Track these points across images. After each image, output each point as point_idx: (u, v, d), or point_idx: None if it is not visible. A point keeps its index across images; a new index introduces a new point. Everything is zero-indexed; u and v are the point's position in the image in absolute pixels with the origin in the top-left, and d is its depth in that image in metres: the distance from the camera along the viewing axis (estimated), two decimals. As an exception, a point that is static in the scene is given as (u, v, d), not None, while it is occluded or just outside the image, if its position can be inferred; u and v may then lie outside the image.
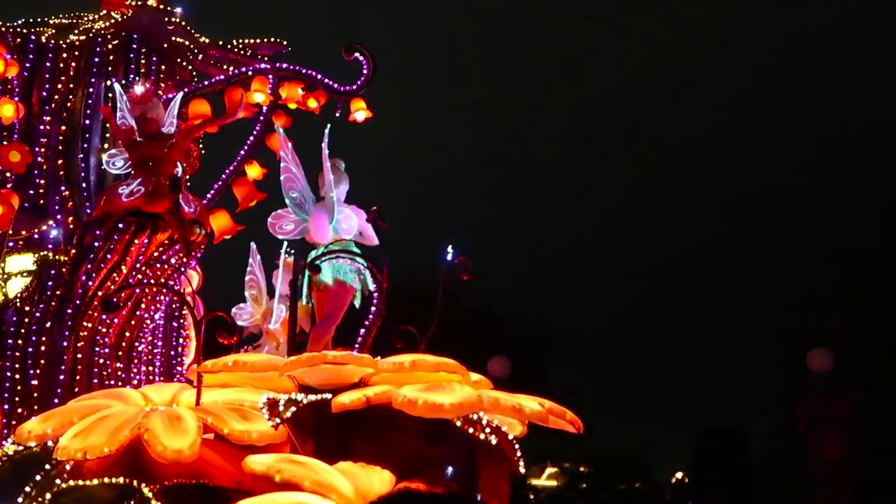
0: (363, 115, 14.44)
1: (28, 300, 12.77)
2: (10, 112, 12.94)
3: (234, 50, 14.79)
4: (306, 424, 10.63)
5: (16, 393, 12.42)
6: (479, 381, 11.78)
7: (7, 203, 12.26)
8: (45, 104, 13.67)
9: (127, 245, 12.65)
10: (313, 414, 10.62)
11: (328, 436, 10.63)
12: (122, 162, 13.18)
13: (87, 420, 9.96)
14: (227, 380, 11.34)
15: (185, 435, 9.84)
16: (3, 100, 13.18)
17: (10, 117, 13.00)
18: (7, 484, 9.86)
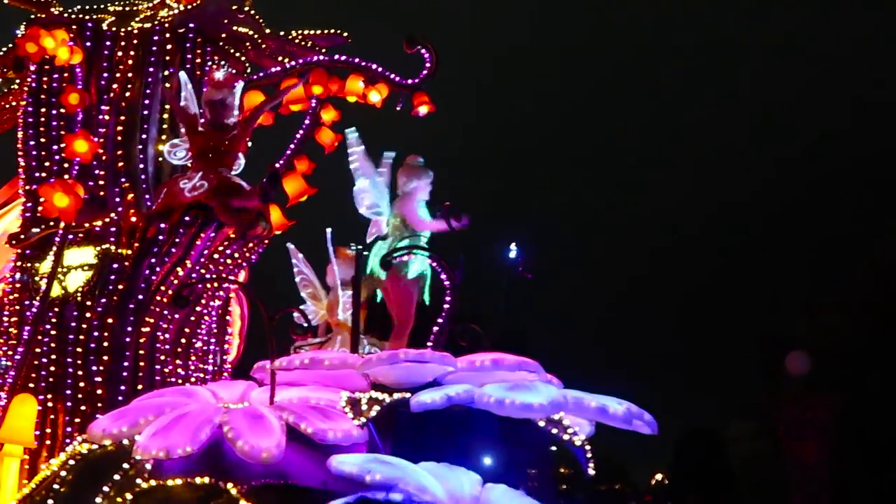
0: (426, 110, 14.20)
1: (89, 294, 12.49)
2: (74, 100, 12.64)
3: (294, 41, 14.41)
4: (384, 424, 10.36)
5: (78, 390, 12.10)
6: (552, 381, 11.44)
7: (74, 193, 11.94)
8: (104, 94, 13.35)
9: (192, 239, 12.43)
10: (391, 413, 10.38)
11: (406, 435, 10.40)
12: (183, 153, 12.95)
13: (165, 418, 9.68)
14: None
15: (270, 433, 9.58)
16: (68, 88, 12.81)
17: (75, 105, 12.70)
18: (83, 484, 9.54)
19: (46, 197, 11.96)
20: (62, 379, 12.24)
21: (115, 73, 13.30)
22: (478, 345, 12.11)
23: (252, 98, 14.07)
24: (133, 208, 12.73)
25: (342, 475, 9.21)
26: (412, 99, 14.26)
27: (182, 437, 9.34)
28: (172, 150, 13.04)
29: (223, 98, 12.71)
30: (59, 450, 11.79)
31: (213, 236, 12.54)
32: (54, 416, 12.00)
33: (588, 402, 10.69)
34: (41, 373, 12.29)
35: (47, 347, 12.34)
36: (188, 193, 12.26)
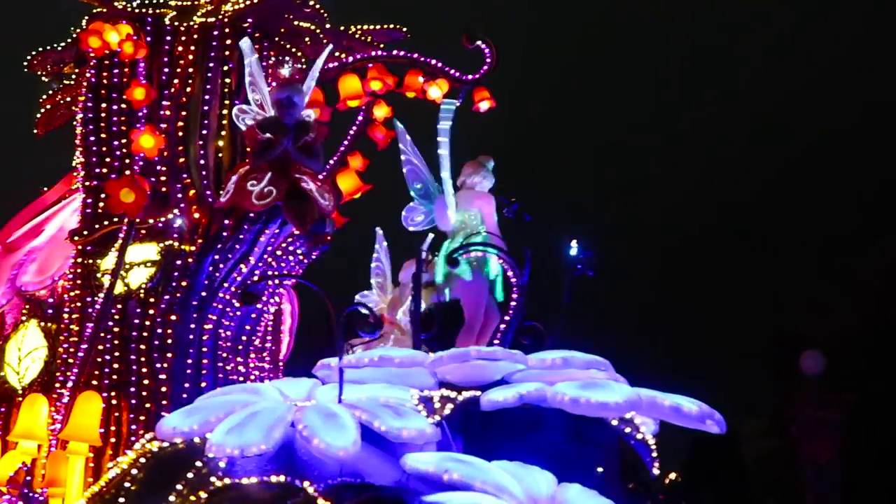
0: (487, 105, 14.08)
1: (152, 291, 12.43)
2: (140, 95, 12.57)
3: (353, 36, 14.29)
4: (453, 422, 10.23)
5: (143, 387, 12.03)
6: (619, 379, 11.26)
7: (140, 189, 11.88)
8: (165, 89, 13.26)
9: (256, 235, 12.40)
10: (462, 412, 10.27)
11: (475, 434, 10.25)
12: (251, 121, 12.80)
13: (237, 416, 9.54)
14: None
15: (346, 431, 9.43)
16: (134, 82, 12.75)
17: (141, 101, 12.66)
18: (155, 481, 9.42)
19: (112, 193, 11.91)
20: (126, 376, 12.19)
21: (176, 69, 13.22)
22: (540, 343, 12.05)
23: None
24: (195, 204, 12.60)
25: (417, 474, 9.11)
26: (472, 94, 14.13)
27: (256, 434, 9.24)
28: (241, 116, 12.92)
29: (289, 96, 12.64)
30: (123, 448, 11.79)
31: (277, 233, 12.50)
32: (118, 414, 11.97)
33: (662, 400, 10.54)
34: (104, 370, 12.24)
35: (110, 345, 12.27)
36: (255, 200, 12.19)
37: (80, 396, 11.69)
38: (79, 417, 11.52)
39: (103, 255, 12.69)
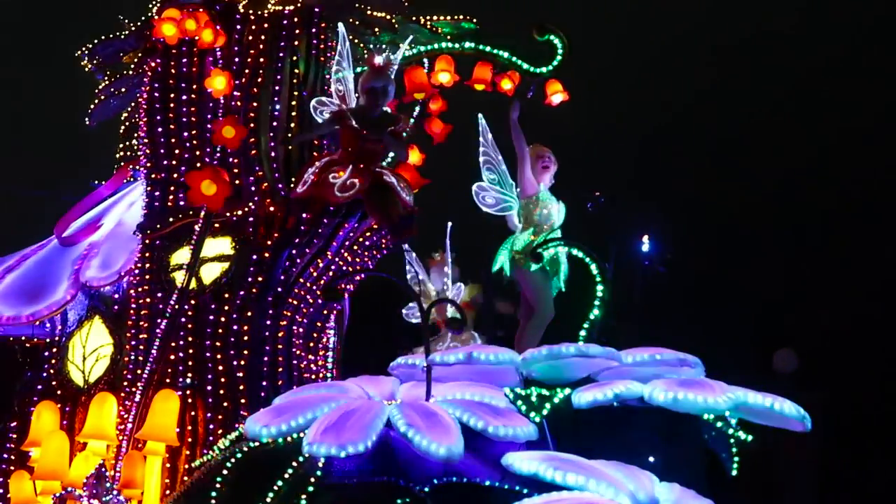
0: (560, 98, 13.93)
1: (226, 286, 12.22)
2: (221, 85, 12.34)
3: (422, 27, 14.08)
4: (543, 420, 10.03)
5: (219, 385, 11.82)
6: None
7: (222, 181, 11.63)
8: (236, 79, 12.98)
9: (335, 230, 12.23)
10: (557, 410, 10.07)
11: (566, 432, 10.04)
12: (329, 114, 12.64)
13: (332, 414, 9.34)
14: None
15: (449, 430, 9.21)
16: (214, 71, 12.50)
17: (222, 90, 12.42)
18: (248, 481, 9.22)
19: (193, 184, 11.71)
20: (202, 374, 11.99)
21: (247, 58, 12.99)
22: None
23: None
24: (268, 197, 12.34)
25: (520, 474, 8.91)
26: (544, 87, 13.94)
27: (355, 433, 9.06)
28: (319, 108, 12.77)
29: (384, 85, 12.44)
30: (200, 448, 11.62)
31: (355, 226, 12.36)
32: (194, 413, 11.72)
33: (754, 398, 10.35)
34: (178, 368, 12.03)
35: (183, 342, 12.06)
36: (338, 192, 11.97)
37: (157, 395, 11.51)
38: (156, 417, 11.34)
39: (173, 249, 12.50)
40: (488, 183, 13.44)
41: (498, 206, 13.34)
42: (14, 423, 12.96)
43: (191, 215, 12.30)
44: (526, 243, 12.87)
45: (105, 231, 13.72)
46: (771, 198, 23.43)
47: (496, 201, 13.32)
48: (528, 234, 12.93)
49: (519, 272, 12.94)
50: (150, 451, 11.35)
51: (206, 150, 12.78)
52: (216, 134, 12.13)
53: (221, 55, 12.93)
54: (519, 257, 12.93)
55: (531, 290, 12.93)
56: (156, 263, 12.53)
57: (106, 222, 13.89)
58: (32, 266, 13.69)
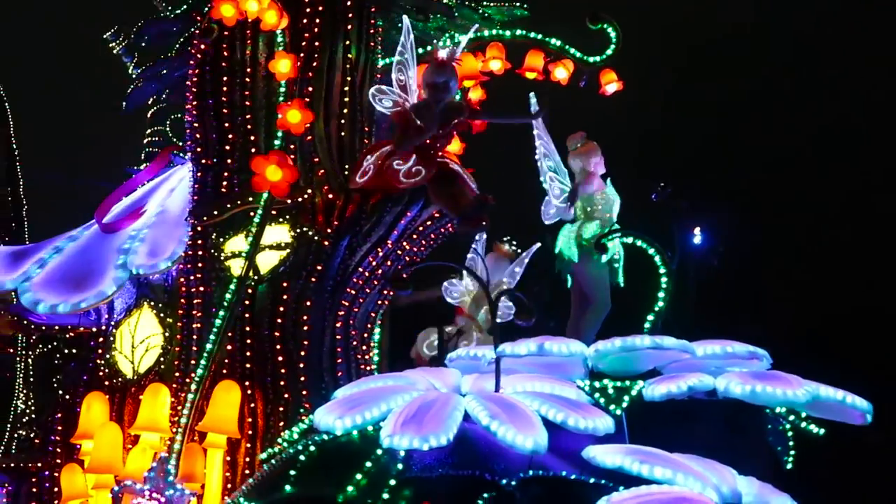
0: (614, 88, 13.95)
1: (284, 275, 12.14)
2: (286, 68, 12.27)
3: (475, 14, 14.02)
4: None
5: (279, 376, 11.75)
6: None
7: (287, 166, 11.49)
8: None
9: (397, 218, 12.20)
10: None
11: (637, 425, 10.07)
12: (390, 103, 12.43)
13: (410, 406, 9.31)
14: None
15: (531, 422, 9.17)
16: (279, 54, 12.44)
17: (286, 74, 12.33)
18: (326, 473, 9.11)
19: (258, 170, 11.59)
20: (260, 365, 11.93)
21: (301, 42, 12.87)
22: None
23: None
24: (326, 184, 12.23)
25: (603, 467, 8.91)
26: (598, 77, 13.94)
27: (436, 425, 9.04)
28: (378, 96, 12.52)
29: (446, 81, 12.31)
30: (261, 440, 11.55)
31: (417, 215, 12.34)
32: (254, 405, 11.59)
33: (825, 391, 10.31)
34: (235, 359, 11.95)
35: (240, 332, 11.96)
36: (403, 179, 11.93)
37: (218, 386, 11.43)
38: (218, 408, 11.25)
39: (228, 237, 12.35)
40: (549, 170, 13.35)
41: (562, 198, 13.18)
42: (59, 415, 12.85)
43: (250, 201, 12.19)
44: (594, 234, 12.79)
45: (148, 217, 13.56)
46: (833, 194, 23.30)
47: (561, 192, 13.20)
48: (596, 226, 12.86)
49: (583, 262, 12.88)
50: (210, 444, 11.27)
51: (261, 135, 12.71)
52: (281, 118, 12.02)
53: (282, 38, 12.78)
54: (586, 247, 12.86)
55: (589, 282, 12.86)
56: (208, 251, 12.45)
57: (148, 208, 13.74)
58: (74, 253, 13.61)
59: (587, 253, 12.84)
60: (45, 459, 12.72)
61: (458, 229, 12.13)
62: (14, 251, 13.98)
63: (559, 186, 13.22)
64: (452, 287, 15.56)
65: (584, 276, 12.86)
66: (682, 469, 8.82)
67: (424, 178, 11.94)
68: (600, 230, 12.76)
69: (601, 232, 12.70)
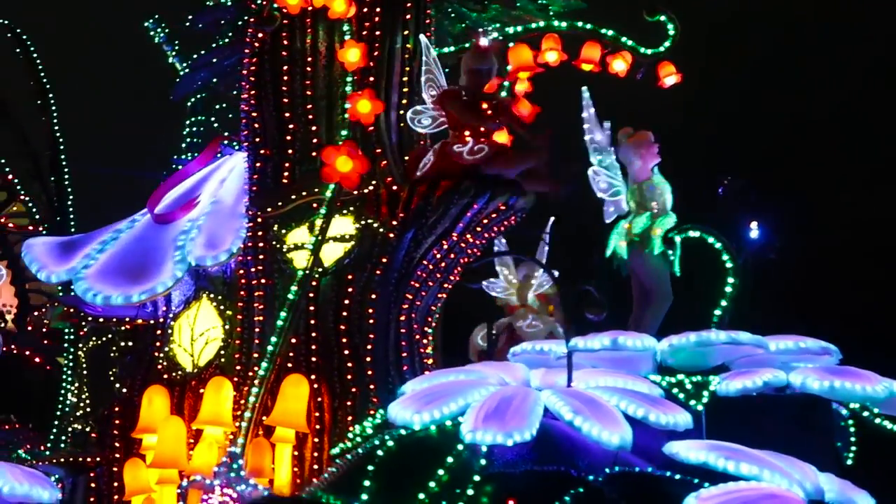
0: (673, 80, 13.91)
1: (349, 267, 12.21)
2: (355, 57, 12.24)
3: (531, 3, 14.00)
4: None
5: (346, 370, 11.82)
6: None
7: (359, 157, 11.48)
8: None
9: (463, 210, 12.15)
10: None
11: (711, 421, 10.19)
12: (429, 120, 12.65)
13: (490, 402, 9.39)
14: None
15: (615, 417, 9.26)
16: (348, 43, 12.41)
17: (355, 63, 12.31)
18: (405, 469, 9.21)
19: (328, 161, 11.58)
20: (326, 359, 11.97)
21: (363, 31, 12.85)
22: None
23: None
24: (389, 176, 12.23)
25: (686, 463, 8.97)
26: (656, 69, 13.92)
27: (519, 421, 9.15)
28: (416, 118, 12.73)
29: (489, 68, 12.56)
30: (328, 434, 11.62)
31: (482, 207, 12.27)
32: (320, 399, 11.64)
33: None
34: (300, 352, 12.00)
35: (306, 325, 12.03)
36: (468, 156, 11.99)
37: (287, 380, 11.48)
38: (287, 402, 11.28)
39: (289, 228, 12.40)
40: (598, 165, 13.48)
41: (610, 191, 13.32)
42: (117, 409, 12.84)
43: (316, 193, 12.17)
44: (644, 227, 12.86)
45: (202, 208, 13.56)
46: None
47: (608, 185, 13.31)
48: (646, 218, 12.89)
49: (636, 257, 12.93)
50: (279, 439, 11.31)
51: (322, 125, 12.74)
52: (351, 108, 12.05)
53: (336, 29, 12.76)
54: (637, 241, 12.89)
55: (649, 275, 12.89)
56: (269, 243, 12.48)
57: (201, 199, 13.71)
58: (129, 244, 13.61)
59: (639, 247, 12.90)
60: (103, 453, 12.73)
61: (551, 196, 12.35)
62: (63, 242, 14.05)
63: (605, 180, 13.26)
64: (493, 284, 15.94)
65: (641, 270, 12.91)
66: (767, 465, 8.92)
67: (488, 154, 12.01)
68: (650, 223, 12.83)
69: (650, 224, 12.80)
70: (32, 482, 10.53)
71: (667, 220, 12.88)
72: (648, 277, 12.86)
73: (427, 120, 12.63)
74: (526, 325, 15.60)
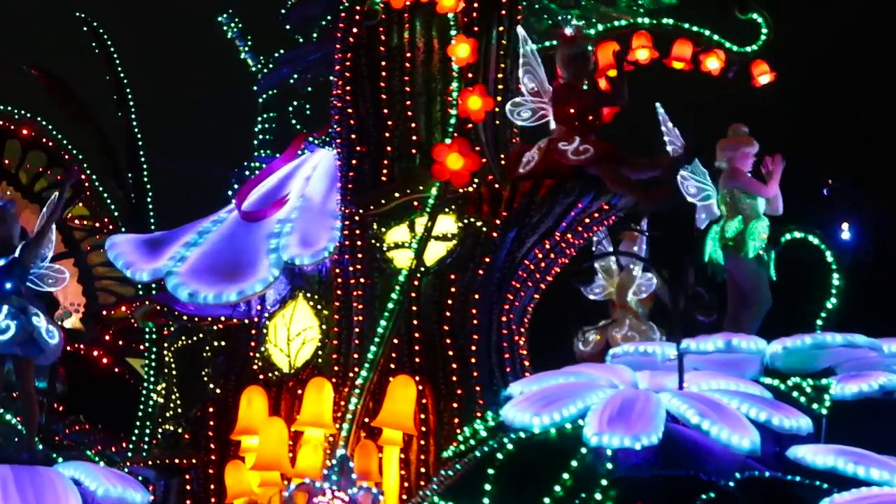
0: (767, 79, 13.86)
1: (451, 266, 12.28)
2: (465, 52, 12.32)
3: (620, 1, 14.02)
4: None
5: (451, 371, 11.91)
6: None
7: (471, 155, 11.50)
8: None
9: (567, 209, 12.23)
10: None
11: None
12: (528, 113, 12.73)
13: (612, 404, 9.37)
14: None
15: (743, 422, 9.30)
16: (458, 38, 12.50)
17: (466, 58, 12.39)
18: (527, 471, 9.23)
19: (440, 158, 11.67)
20: (430, 360, 12.06)
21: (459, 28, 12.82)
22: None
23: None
24: (490, 174, 12.27)
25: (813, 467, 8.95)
26: (750, 68, 13.87)
27: (646, 424, 9.13)
28: (515, 110, 12.80)
29: (582, 52, 12.66)
30: (434, 436, 11.73)
31: (586, 207, 12.36)
32: (425, 400, 11.70)
33: None
34: (404, 353, 12.10)
35: (409, 325, 12.12)
36: (572, 156, 11.98)
37: (395, 381, 11.55)
38: (396, 403, 11.34)
39: (388, 226, 12.47)
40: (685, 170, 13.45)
41: (700, 195, 13.33)
42: (211, 409, 12.89)
43: (420, 191, 12.28)
44: (737, 231, 12.84)
45: (292, 206, 13.58)
46: None
47: (697, 190, 13.32)
48: (738, 222, 12.90)
49: (732, 260, 12.93)
50: (386, 441, 11.38)
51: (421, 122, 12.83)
52: (461, 104, 12.12)
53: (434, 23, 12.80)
54: (731, 245, 12.89)
55: (746, 279, 12.87)
56: (368, 242, 12.57)
57: (291, 197, 13.75)
58: (219, 242, 13.69)
59: (734, 251, 12.89)
60: (198, 455, 12.80)
61: (641, 206, 12.21)
62: (148, 239, 14.15)
63: (694, 185, 13.26)
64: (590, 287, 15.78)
65: (738, 274, 12.89)
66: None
67: (592, 157, 12.02)
68: (742, 226, 12.80)
69: (743, 228, 12.77)
70: (125, 485, 10.59)
71: (760, 223, 12.90)
72: (746, 280, 12.87)
73: (527, 113, 12.71)
74: (621, 335, 15.40)
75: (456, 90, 12.39)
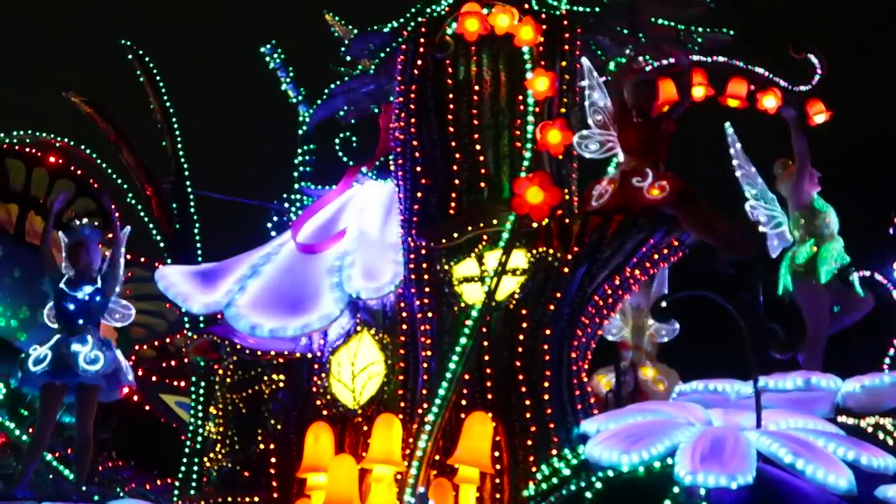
0: (823, 118, 14.13)
1: (522, 301, 12.33)
2: (544, 86, 12.41)
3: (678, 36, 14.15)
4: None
5: (524, 408, 11.97)
6: None
7: (552, 189, 11.56)
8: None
9: (638, 245, 12.33)
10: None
11: None
12: (596, 145, 13.00)
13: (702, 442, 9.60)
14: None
15: (836, 462, 9.42)
16: (537, 71, 12.64)
17: (544, 91, 12.48)
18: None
19: (520, 191, 11.72)
20: (502, 396, 12.13)
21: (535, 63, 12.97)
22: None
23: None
24: (559, 208, 12.33)
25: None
26: (805, 106, 14.14)
27: (739, 463, 9.30)
28: (583, 143, 13.04)
29: (650, 81, 12.89)
30: (508, 475, 11.76)
31: (658, 242, 12.47)
32: (498, 438, 11.73)
33: None
34: (475, 389, 12.17)
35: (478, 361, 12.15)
36: (647, 194, 12.05)
37: (471, 417, 11.63)
38: (473, 440, 11.37)
39: (456, 260, 12.59)
40: (753, 199, 13.54)
41: (771, 223, 13.58)
42: (272, 446, 12.90)
43: (493, 224, 12.40)
44: (808, 256, 12.96)
45: (349, 240, 13.64)
46: None
47: (768, 218, 13.46)
48: (810, 246, 13.03)
49: (802, 287, 12.95)
50: (462, 479, 11.41)
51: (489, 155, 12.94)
52: (541, 138, 12.25)
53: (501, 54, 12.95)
54: (802, 272, 12.96)
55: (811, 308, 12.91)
56: (435, 276, 12.66)
57: (348, 230, 13.82)
58: (277, 275, 13.79)
59: (804, 277, 12.97)
60: (259, 493, 12.79)
61: (720, 258, 12.05)
62: (199, 271, 14.18)
63: (764, 213, 13.38)
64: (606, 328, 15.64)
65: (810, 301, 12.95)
66: None
67: (668, 196, 12.08)
68: (812, 252, 12.89)
69: (815, 253, 12.85)
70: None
71: (833, 245, 12.99)
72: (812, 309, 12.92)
73: (594, 145, 12.97)
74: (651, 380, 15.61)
75: (532, 123, 12.49)
